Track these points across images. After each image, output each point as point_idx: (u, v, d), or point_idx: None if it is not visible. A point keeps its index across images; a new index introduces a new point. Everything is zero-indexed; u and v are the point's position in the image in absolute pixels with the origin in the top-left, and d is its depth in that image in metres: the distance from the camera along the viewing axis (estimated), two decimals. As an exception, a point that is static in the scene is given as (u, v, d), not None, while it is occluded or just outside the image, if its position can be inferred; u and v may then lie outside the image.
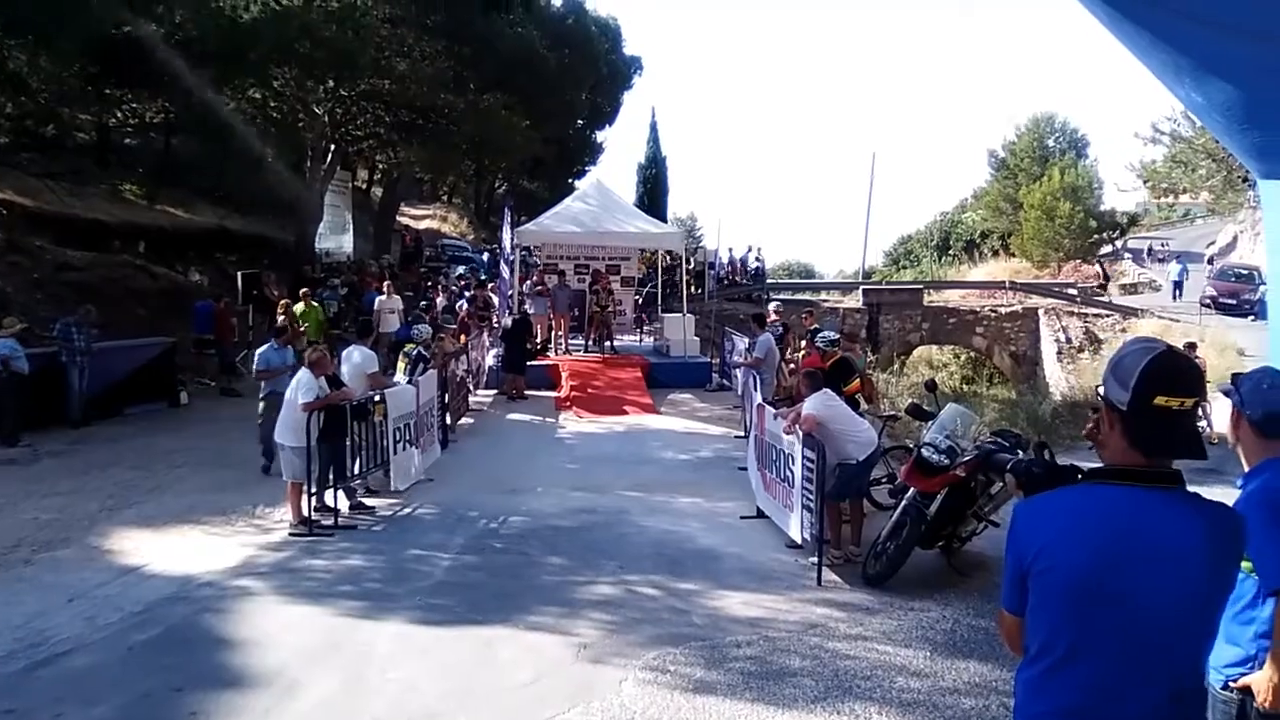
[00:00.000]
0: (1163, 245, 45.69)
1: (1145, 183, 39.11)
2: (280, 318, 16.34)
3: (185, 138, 23.45)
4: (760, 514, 9.22)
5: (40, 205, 20.36)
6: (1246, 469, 2.77)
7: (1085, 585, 1.95)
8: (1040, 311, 30.44)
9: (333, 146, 25.06)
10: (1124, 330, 27.43)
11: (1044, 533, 2.04)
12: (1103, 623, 1.95)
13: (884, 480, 9.49)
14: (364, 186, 40.13)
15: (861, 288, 33.27)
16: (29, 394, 12.23)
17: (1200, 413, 2.80)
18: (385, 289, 18.99)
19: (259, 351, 10.83)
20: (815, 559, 7.57)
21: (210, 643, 6.16)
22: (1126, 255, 48.06)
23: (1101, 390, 2.11)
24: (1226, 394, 2.82)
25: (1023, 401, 20.57)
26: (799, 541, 7.96)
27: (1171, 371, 1.97)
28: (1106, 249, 47.44)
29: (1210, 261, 38.94)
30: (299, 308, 16.67)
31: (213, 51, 14.55)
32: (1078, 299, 32.23)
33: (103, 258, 19.82)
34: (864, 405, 10.14)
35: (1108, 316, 29.66)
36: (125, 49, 12.98)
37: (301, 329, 15.24)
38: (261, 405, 10.55)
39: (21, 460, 11.29)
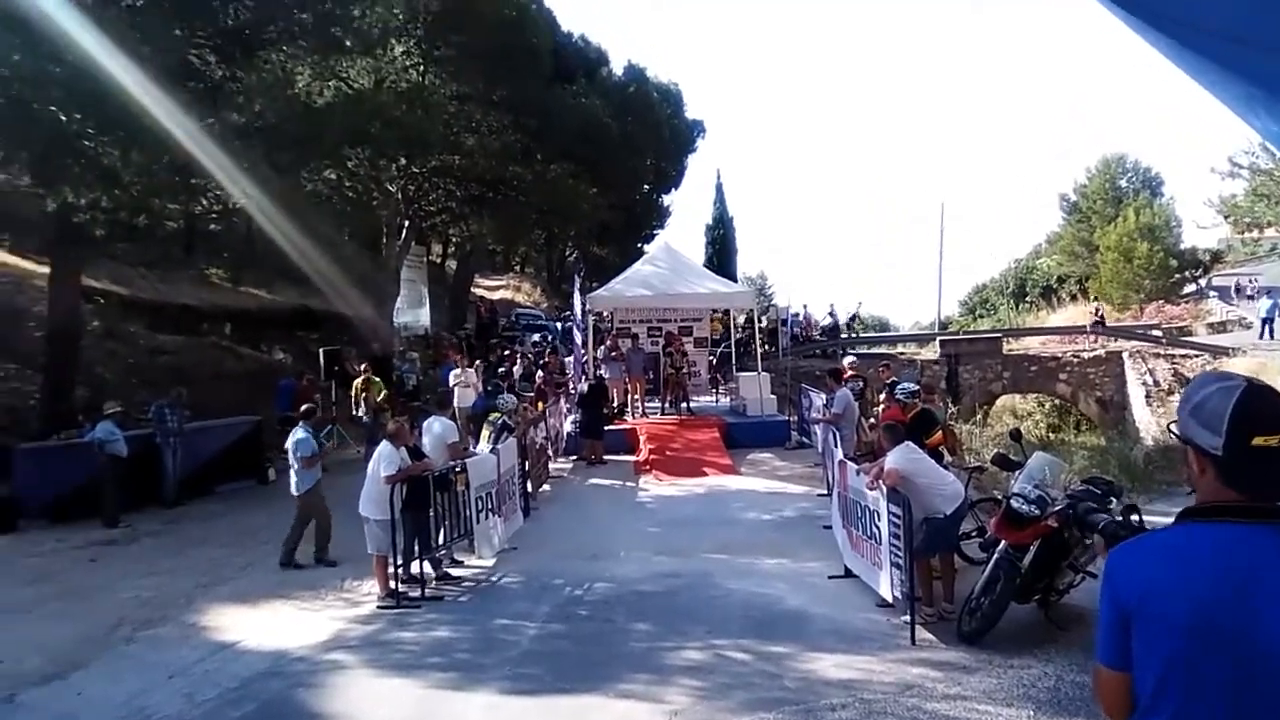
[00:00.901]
0: (1251, 281, 44.28)
1: (1227, 218, 38.08)
2: (362, 394, 16.74)
3: (267, 222, 24.33)
4: (848, 573, 9.04)
5: (134, 293, 21.27)
6: None
7: (1195, 629, 1.83)
8: (1124, 355, 29.61)
9: (407, 222, 25.69)
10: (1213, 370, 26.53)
11: (1146, 576, 1.94)
12: (1216, 670, 1.82)
13: (974, 534, 9.27)
14: (439, 260, 41.02)
15: (938, 338, 32.82)
16: (127, 475, 12.66)
17: None
18: (460, 363, 19.23)
19: (296, 439, 10.27)
20: (907, 617, 7.40)
21: (305, 717, 6.22)
22: (1212, 293, 46.69)
23: (1177, 430, 2.04)
24: None
25: (1112, 447, 19.89)
26: (890, 600, 7.79)
27: (1263, 408, 1.88)
28: (1190, 288, 46.22)
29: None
30: (356, 383, 17.10)
31: (290, 137, 15.07)
32: (1163, 340, 31.34)
33: (192, 341, 20.58)
34: (948, 457, 9.94)
35: (1196, 356, 28.75)
36: (209, 140, 13.53)
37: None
38: (311, 497, 10.32)
39: (121, 541, 11.67)
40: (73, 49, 11.99)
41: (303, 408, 11.32)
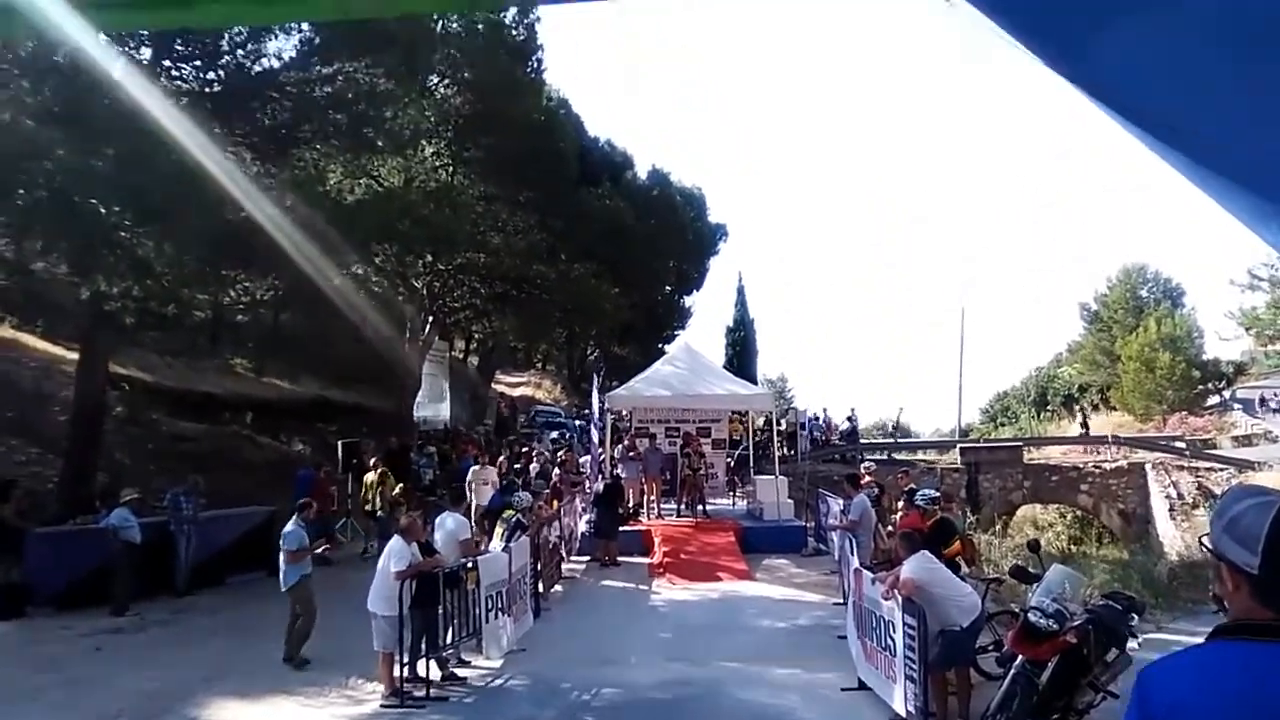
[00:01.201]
0: (1275, 395, 43.93)
1: (1248, 330, 38.05)
2: (377, 487, 16.71)
3: (292, 313, 24.74)
4: (862, 685, 8.84)
5: (158, 380, 21.55)
6: None
7: None
8: (1148, 466, 29.28)
9: (431, 318, 26.05)
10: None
11: (1178, 696, 1.82)
12: None
13: (990, 647, 9.06)
14: (461, 355, 41.38)
15: (959, 446, 32.60)
16: (139, 563, 12.63)
17: None
18: (480, 460, 19.19)
19: (285, 531, 10.18)
20: (922, 733, 7.19)
21: (300, 820, 6.07)
22: (1237, 406, 46.33)
23: (1210, 544, 1.95)
24: None
25: (1135, 562, 19.54)
26: (903, 714, 7.60)
27: None
28: (1214, 399, 45.90)
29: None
30: (369, 478, 16.97)
31: (319, 232, 15.44)
32: (1187, 452, 31.00)
33: (213, 429, 20.75)
34: (965, 568, 9.79)
35: (1221, 470, 28.39)
36: (240, 233, 13.87)
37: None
38: (299, 591, 10.09)
39: (129, 629, 11.58)
40: (116, 144, 12.42)
41: (300, 501, 11.09)
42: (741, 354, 49.29)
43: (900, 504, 13.29)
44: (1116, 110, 2.41)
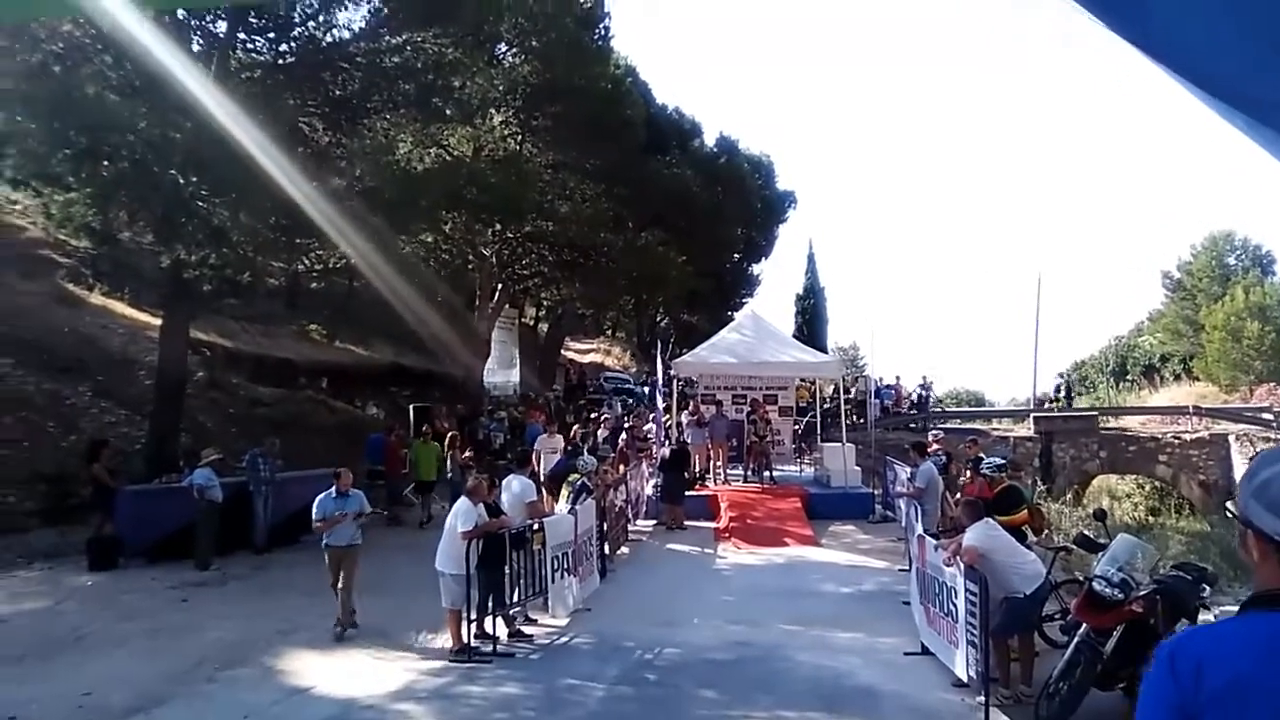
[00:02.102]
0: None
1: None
2: (450, 450, 17.03)
3: (364, 280, 25.28)
4: (925, 650, 8.84)
5: (237, 346, 22.21)
6: None
7: None
8: (1231, 438, 28.49)
9: (500, 285, 26.35)
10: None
11: (1219, 671, 1.76)
12: None
13: (1056, 616, 9.00)
14: (531, 323, 41.77)
15: (1033, 415, 32.01)
16: (221, 520, 13.15)
17: None
18: (548, 428, 19.41)
19: (318, 498, 9.88)
20: (982, 698, 7.19)
21: (370, 765, 6.32)
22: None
23: (1237, 510, 1.92)
24: None
25: (1214, 534, 19.11)
26: (965, 679, 7.60)
27: None
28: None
29: None
30: (417, 445, 17.37)
31: (389, 200, 15.69)
32: (1274, 424, 30.04)
33: (289, 393, 21.34)
34: (1031, 537, 9.71)
35: (1310, 442, 27.51)
36: (313, 202, 14.17)
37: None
38: (327, 558, 9.83)
39: (211, 583, 12.10)
40: (193, 115, 12.77)
41: (335, 470, 10.56)
42: (811, 322, 48.94)
43: (968, 472, 13.17)
44: (1182, 74, 2.39)
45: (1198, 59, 2.35)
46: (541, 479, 14.64)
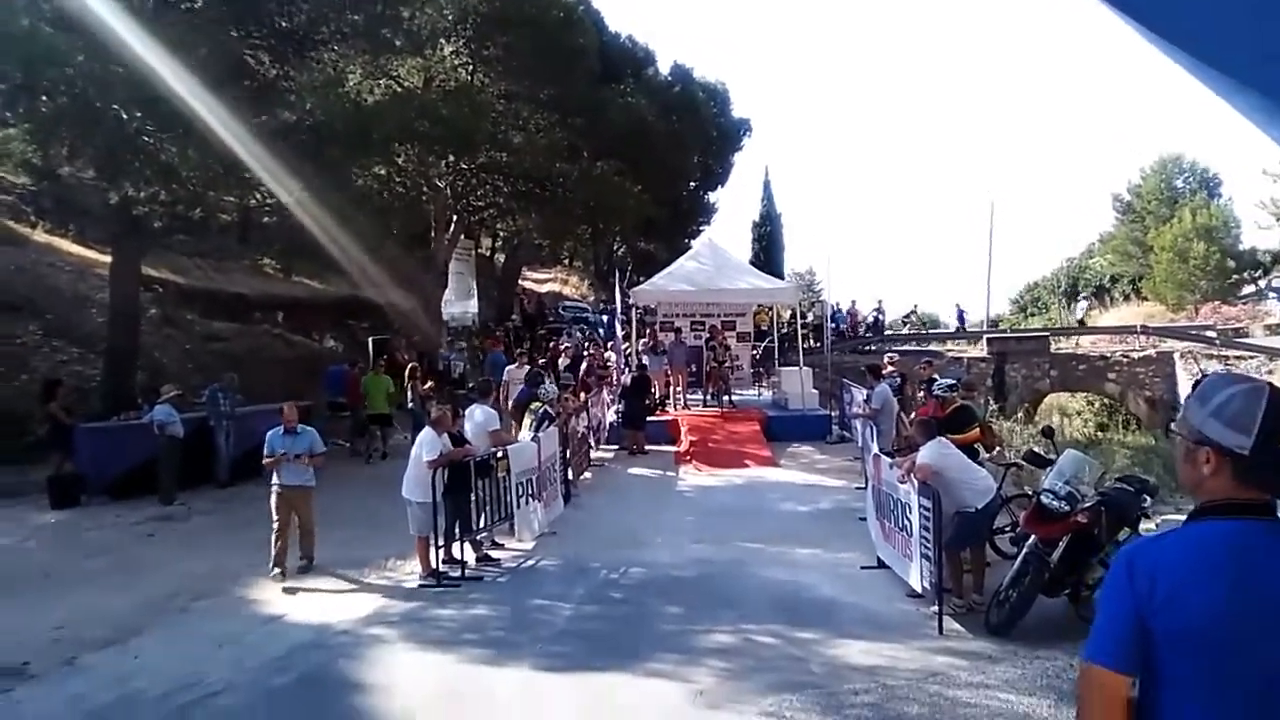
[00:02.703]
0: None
1: (1278, 220, 37.29)
2: (411, 381, 17.05)
3: (318, 214, 24.92)
4: (881, 564, 9.15)
5: (190, 282, 21.92)
6: None
7: (1222, 628, 1.84)
8: (1176, 355, 29.17)
9: (455, 217, 26.09)
10: (1270, 372, 26.09)
11: (1172, 576, 1.92)
12: (1243, 667, 1.85)
13: (1007, 529, 9.33)
14: (488, 253, 41.42)
15: (986, 336, 32.55)
16: (183, 456, 13.14)
17: None
18: (516, 359, 19.39)
19: (268, 436, 9.69)
20: (936, 608, 7.50)
21: (343, 687, 6.50)
22: (1272, 295, 45.66)
23: (1185, 430, 2.06)
24: None
25: (1159, 448, 19.68)
26: (919, 590, 7.89)
27: None
28: (1249, 289, 45.26)
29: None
30: (368, 378, 17.18)
31: (340, 134, 15.44)
32: (1217, 341, 30.79)
33: (245, 328, 21.17)
34: (984, 454, 10.00)
35: (1251, 358, 28.25)
36: (262, 136, 13.93)
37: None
38: (275, 500, 9.47)
39: (177, 518, 12.16)
40: (134, 50, 12.44)
41: (282, 405, 10.19)
42: (768, 248, 49.12)
43: (921, 393, 13.47)
44: (1126, 10, 2.46)
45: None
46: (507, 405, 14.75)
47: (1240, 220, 46.64)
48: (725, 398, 19.30)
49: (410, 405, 16.85)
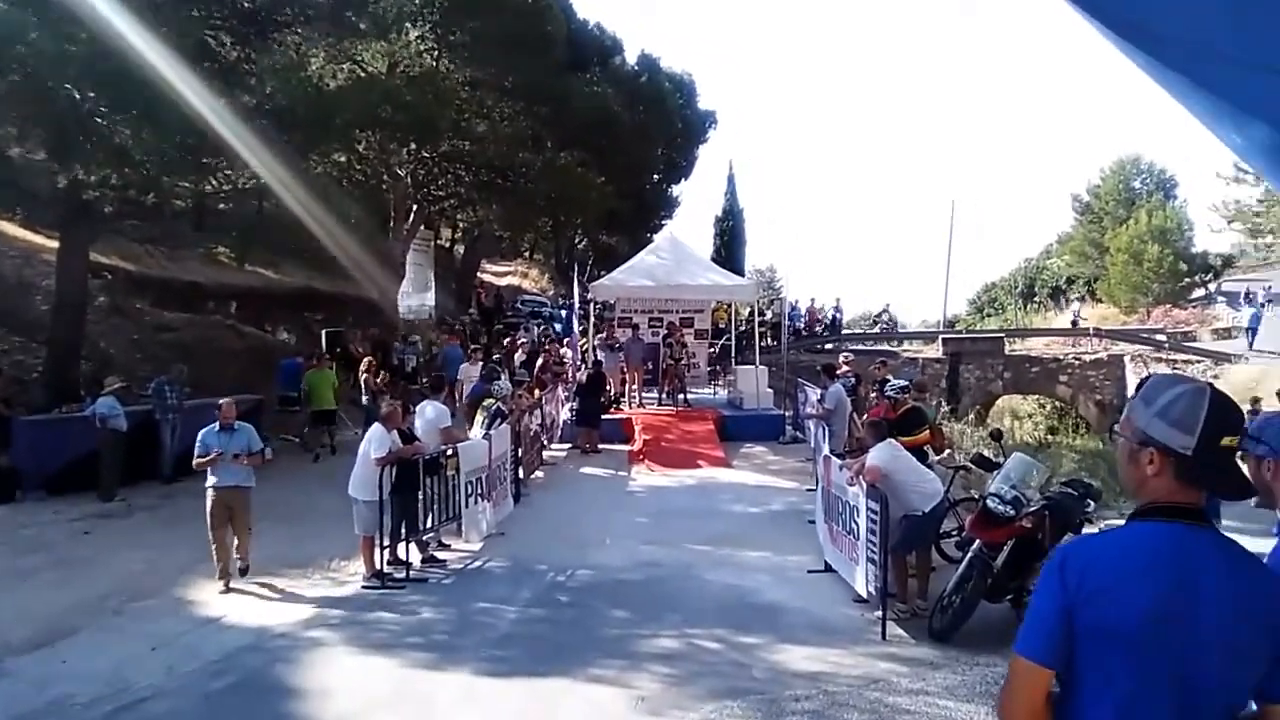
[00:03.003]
0: (1265, 289, 43.70)
1: (1230, 223, 37.91)
2: (364, 375, 16.82)
3: (275, 202, 24.54)
4: (828, 568, 9.17)
5: (141, 269, 21.46)
6: None
7: (1148, 626, 1.88)
8: (1126, 358, 29.62)
9: (415, 206, 25.84)
10: (1216, 376, 26.55)
11: (1101, 575, 1.96)
12: (1164, 665, 1.89)
13: (954, 533, 9.37)
14: (447, 245, 41.11)
15: (941, 337, 32.82)
16: (125, 450, 12.85)
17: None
18: (471, 357, 19.18)
19: (201, 433, 9.17)
20: (880, 613, 7.51)
21: (281, 691, 6.39)
22: (1220, 299, 46.44)
23: (1128, 432, 2.07)
24: (1250, 448, 2.76)
25: (1105, 452, 19.93)
26: (865, 595, 7.91)
27: (1230, 411, 1.97)
28: (1199, 292, 46.03)
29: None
30: (311, 373, 16.43)
31: (300, 119, 15.20)
32: (1166, 345, 31.30)
33: (197, 318, 20.78)
34: (933, 456, 10.05)
35: (1198, 362, 28.76)
36: (221, 120, 13.67)
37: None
38: (210, 501, 8.95)
39: (117, 514, 11.88)
40: (90, 28, 12.14)
41: (220, 401, 9.62)
42: (730, 244, 49.01)
43: (875, 394, 13.51)
44: (1086, 9, 2.44)
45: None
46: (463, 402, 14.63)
47: (1194, 223, 47.44)
48: (681, 396, 19.26)
49: (364, 401, 16.64)
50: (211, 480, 8.93)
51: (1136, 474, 2.06)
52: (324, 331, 20.51)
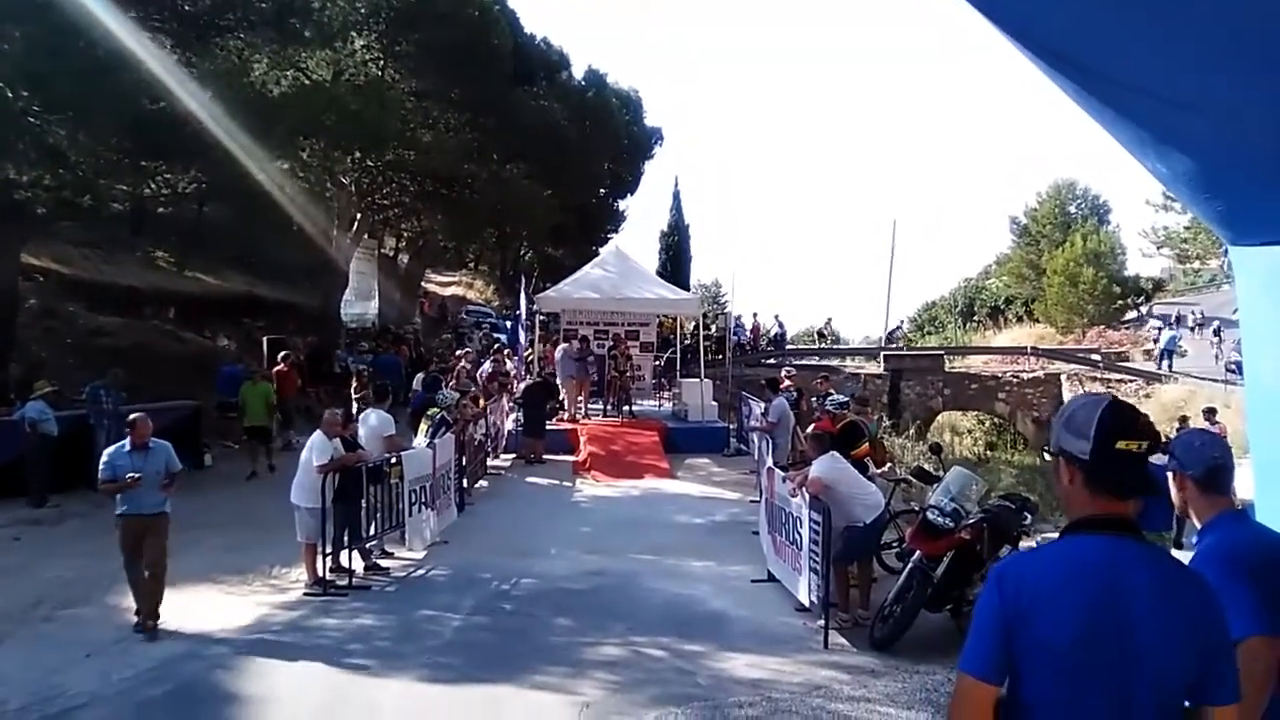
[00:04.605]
0: (1194, 313, 44.96)
1: (1159, 249, 39.03)
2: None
3: (216, 207, 24.12)
4: (771, 577, 9.25)
5: (76, 272, 20.97)
6: (1199, 527, 2.85)
7: (1080, 637, 1.95)
8: (1063, 377, 30.34)
9: (359, 215, 25.60)
10: (1147, 395, 27.29)
11: (1033, 587, 2.03)
12: (1099, 675, 1.96)
13: (894, 544, 9.51)
14: (392, 254, 40.76)
15: (883, 353, 33.29)
16: (57, 456, 12.51)
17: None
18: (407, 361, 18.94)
19: (108, 453, 7.91)
20: (822, 621, 7.59)
21: (219, 700, 6.29)
22: (1152, 321, 47.75)
23: (1051, 447, 2.18)
24: (1163, 463, 2.89)
25: (1042, 467, 20.40)
26: (807, 604, 7.99)
27: (1127, 417, 2.05)
28: (1132, 314, 47.29)
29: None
30: (246, 385, 15.37)
31: (242, 124, 15.00)
32: (1100, 365, 32.10)
33: (134, 323, 20.33)
34: (874, 469, 10.19)
35: (1131, 381, 29.53)
36: (160, 123, 13.43)
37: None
38: (120, 532, 7.70)
39: (47, 520, 11.59)
40: (23, 25, 11.88)
41: (130, 418, 8.22)
42: (675, 258, 49.38)
43: (816, 408, 13.67)
44: (1020, 41, 2.53)
45: (1038, 29, 2.51)
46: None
47: (1126, 247, 48.85)
48: (626, 407, 19.30)
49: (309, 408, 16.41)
50: (122, 508, 7.65)
51: (1060, 487, 2.18)
52: (265, 339, 20.18)
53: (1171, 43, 2.28)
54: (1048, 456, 2.24)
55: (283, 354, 18.05)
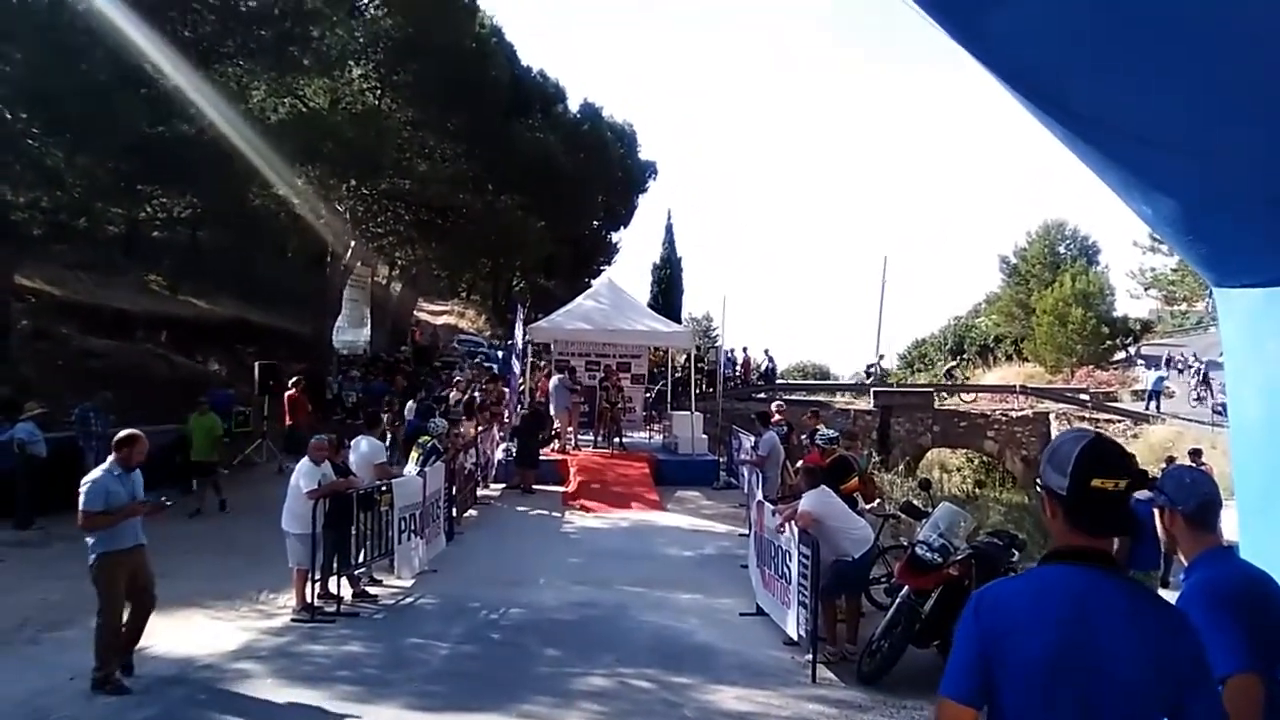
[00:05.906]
0: (1182, 356, 45.30)
1: (1146, 290, 39.30)
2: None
3: (210, 231, 24.18)
4: (760, 611, 9.26)
5: (68, 294, 20.92)
6: (1186, 564, 2.90)
7: (1053, 663, 2.00)
8: (1051, 416, 30.43)
9: (353, 243, 25.67)
10: (1135, 435, 27.40)
11: (1009, 615, 2.09)
12: (1071, 700, 1.99)
13: (883, 579, 9.53)
14: (384, 282, 40.77)
15: (872, 390, 33.38)
16: (45, 478, 12.44)
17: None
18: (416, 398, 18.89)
19: (93, 478, 6.83)
20: (810, 656, 7.59)
21: (205, 724, 6.24)
22: (1140, 362, 48.05)
23: (1040, 480, 2.24)
24: (1150, 499, 2.94)
25: (1030, 505, 20.47)
26: (795, 638, 8.00)
27: (1103, 456, 2.09)
28: (1120, 355, 47.55)
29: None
30: (194, 417, 14.52)
31: (240, 151, 15.11)
32: (1089, 404, 32.24)
33: (125, 346, 20.29)
34: (863, 504, 10.22)
35: (1119, 421, 29.64)
36: (157, 148, 13.53)
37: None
38: (105, 576, 6.67)
39: (34, 543, 11.49)
40: (25, 48, 11.98)
41: (118, 437, 7.24)
42: (667, 291, 49.57)
43: (806, 442, 13.71)
44: (1010, 83, 2.61)
45: (1028, 72, 2.59)
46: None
47: (1115, 288, 49.15)
48: (617, 439, 19.32)
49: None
50: (109, 545, 6.68)
51: (1046, 521, 2.24)
52: (257, 364, 20.15)
53: (1155, 86, 2.36)
54: (1039, 489, 2.29)
55: (294, 379, 18.01)
